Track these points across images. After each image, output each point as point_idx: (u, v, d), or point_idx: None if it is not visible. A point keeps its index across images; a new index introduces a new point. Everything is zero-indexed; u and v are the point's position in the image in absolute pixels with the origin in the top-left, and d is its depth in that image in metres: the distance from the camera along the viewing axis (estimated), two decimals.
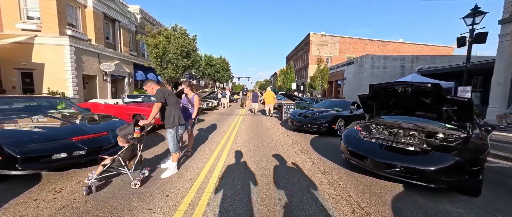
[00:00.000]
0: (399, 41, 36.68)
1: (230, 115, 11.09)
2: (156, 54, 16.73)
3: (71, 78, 12.51)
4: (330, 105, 7.41)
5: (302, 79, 41.03)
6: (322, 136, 6.13)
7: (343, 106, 7.08)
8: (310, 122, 6.10)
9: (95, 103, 6.76)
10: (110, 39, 16.80)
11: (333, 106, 7.18)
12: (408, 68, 19.09)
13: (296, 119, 6.47)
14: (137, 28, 20.22)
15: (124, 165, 2.59)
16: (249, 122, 8.80)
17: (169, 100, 3.01)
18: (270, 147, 4.87)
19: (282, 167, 3.57)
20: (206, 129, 6.94)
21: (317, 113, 6.34)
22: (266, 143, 5.24)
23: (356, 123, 4.06)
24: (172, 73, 17.74)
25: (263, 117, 10.55)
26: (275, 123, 8.72)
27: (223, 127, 7.42)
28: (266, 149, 4.66)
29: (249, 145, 4.98)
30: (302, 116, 6.42)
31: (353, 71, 21.20)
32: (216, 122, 8.58)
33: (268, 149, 4.67)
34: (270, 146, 4.95)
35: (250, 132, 6.61)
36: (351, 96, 20.57)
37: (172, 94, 3.10)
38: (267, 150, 4.58)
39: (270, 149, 4.67)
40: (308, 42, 37.27)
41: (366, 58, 19.17)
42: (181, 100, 3.97)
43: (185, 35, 18.46)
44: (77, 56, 12.87)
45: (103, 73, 15.05)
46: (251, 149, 4.67)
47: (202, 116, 10.32)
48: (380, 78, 18.98)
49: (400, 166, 2.54)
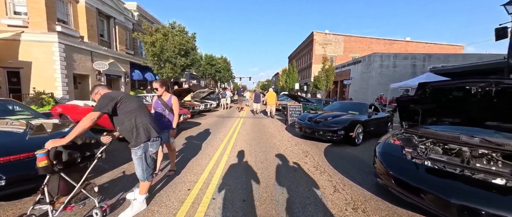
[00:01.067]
0: (406, 40, 35.43)
1: (230, 118, 10.15)
2: (153, 52, 15.92)
3: (60, 78, 11.70)
4: (343, 108, 6.43)
5: (305, 79, 39.97)
6: (336, 145, 5.16)
7: (359, 109, 6.08)
8: (322, 128, 5.12)
9: (73, 105, 5.87)
10: (105, 36, 16.02)
11: (347, 109, 6.19)
12: (419, 67, 17.97)
13: (306, 124, 5.50)
14: (134, 26, 19.43)
15: (49, 202, 1.66)
16: (250, 126, 7.85)
17: (124, 107, 2.02)
18: (276, 162, 3.91)
19: (295, 196, 2.61)
20: (199, 136, 6.00)
21: (330, 117, 5.35)
22: (271, 155, 4.28)
23: (393, 134, 3.07)
24: (170, 73, 16.90)
25: (265, 120, 9.59)
26: (280, 128, 7.75)
27: (220, 133, 6.48)
28: (270, 165, 3.71)
29: (250, 158, 4.03)
30: (312, 121, 5.44)
31: (360, 70, 20.13)
32: (213, 126, 7.65)
33: (273, 165, 3.71)
34: (276, 161, 3.99)
35: (251, 140, 5.66)
36: (358, 97, 19.50)
37: (130, 98, 2.12)
38: (272, 166, 3.63)
39: (276, 166, 3.71)
40: (311, 41, 36.23)
41: (375, 57, 18.11)
42: (154, 104, 3.04)
43: (184, 33, 17.63)
44: (67, 54, 12.06)
45: (97, 72, 14.24)
46: (252, 164, 3.72)
47: (199, 119, 9.40)
48: (390, 78, 17.90)
49: (489, 214, 1.57)
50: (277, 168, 3.55)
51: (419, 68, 17.97)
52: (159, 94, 2.98)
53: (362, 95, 19.46)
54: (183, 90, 9.11)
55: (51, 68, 11.54)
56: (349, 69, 22.73)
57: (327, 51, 35.98)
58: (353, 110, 6.07)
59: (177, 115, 2.99)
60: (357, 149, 4.93)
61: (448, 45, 35.31)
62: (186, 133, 6.16)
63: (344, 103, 7.15)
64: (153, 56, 16.11)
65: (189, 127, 7.33)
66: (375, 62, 18.11)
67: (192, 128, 7.05)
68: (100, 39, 15.26)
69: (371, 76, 18.37)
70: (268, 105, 10.66)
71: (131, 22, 18.98)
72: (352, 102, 6.98)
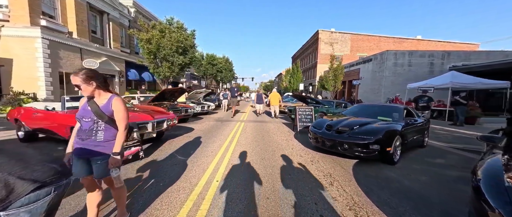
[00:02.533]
0: (417, 38, 33.72)
1: (229, 122, 8.90)
2: (148, 50, 14.84)
3: (43, 76, 10.65)
4: (368, 112, 5.09)
5: (309, 79, 38.56)
6: (367, 164, 3.85)
7: (391, 114, 4.75)
8: (348, 141, 3.81)
9: (28, 108, 4.69)
10: (97, 33, 15.01)
11: (374, 114, 4.86)
12: (437, 65, 16.45)
13: (325, 135, 4.18)
14: (130, 22, 18.43)
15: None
16: (252, 134, 6.56)
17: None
18: (288, 197, 2.62)
19: None
20: (186, 148, 4.74)
21: (357, 126, 4.04)
22: (279, 183, 2.99)
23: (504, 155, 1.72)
24: (167, 72, 15.80)
25: (270, 125, 8.31)
26: (287, 135, 6.46)
27: (213, 143, 5.22)
28: (280, 203, 2.42)
29: (250, 190, 2.75)
30: (333, 131, 4.13)
31: (371, 69, 18.68)
32: (207, 133, 6.39)
33: (285, 202, 2.43)
34: (287, 195, 2.70)
35: (252, 154, 4.39)
36: (369, 98, 18.07)
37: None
38: (283, 206, 2.35)
39: (289, 204, 2.42)
40: (316, 39, 34.84)
41: (388, 55, 16.66)
42: (78, 112, 1.76)
43: (182, 30, 16.53)
44: (52, 50, 11.03)
45: None
46: (253, 201, 2.44)
47: (192, 124, 8.16)
48: (405, 77, 16.42)
49: None
50: (292, 211, 2.26)
51: (437, 67, 16.45)
52: (89, 95, 1.71)
53: (374, 96, 18.00)
54: (175, 90, 7.91)
55: (33, 65, 10.50)
56: (358, 69, 21.27)
57: (333, 51, 34.53)
58: (383, 115, 4.73)
59: (123, 130, 1.73)
60: (397, 170, 3.60)
61: (462, 44, 33.45)
62: (170, 144, 4.91)
63: (367, 106, 5.79)
64: (149, 54, 15.04)
65: (177, 134, 6.09)
66: (389, 60, 16.65)
67: (180, 136, 5.80)
68: (92, 36, 14.24)
69: (384, 75, 16.91)
70: (272, 105, 10.36)
71: (127, 18, 17.97)
72: (380, 105, 5.63)
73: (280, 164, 3.75)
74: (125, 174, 3.07)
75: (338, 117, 4.92)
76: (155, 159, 3.84)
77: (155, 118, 4.36)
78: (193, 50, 17.55)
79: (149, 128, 4.18)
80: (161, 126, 4.54)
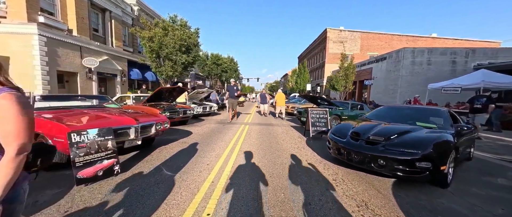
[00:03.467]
0: (432, 36, 31.89)
1: (232, 125, 8.07)
2: (150, 48, 14.31)
3: (40, 75, 10.20)
4: (401, 116, 4.12)
5: (317, 79, 37.31)
6: (409, 185, 2.90)
7: (430, 119, 3.77)
8: (385, 155, 2.86)
9: None
10: (99, 31, 14.60)
11: (410, 118, 3.88)
12: (460, 64, 15.05)
13: (352, 146, 3.24)
14: (134, 21, 18.02)
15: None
16: (257, 140, 5.70)
17: None
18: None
19: None
20: (178, 158, 3.94)
21: (395, 135, 3.09)
22: (292, 212, 2.11)
23: None
24: (170, 71, 15.22)
25: (277, 129, 7.42)
26: (298, 142, 5.56)
27: (212, 152, 4.39)
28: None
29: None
30: (362, 141, 3.20)
31: (386, 68, 17.42)
32: (206, 139, 5.58)
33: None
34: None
35: (258, 165, 3.54)
36: (383, 100, 16.82)
37: None
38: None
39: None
40: (324, 38, 33.63)
41: (406, 52, 15.39)
42: None
43: (186, 28, 15.94)
44: (50, 48, 10.59)
45: (87, 70, 12.76)
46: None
47: (192, 126, 7.39)
48: (423, 77, 15.12)
49: None
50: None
51: (460, 66, 15.05)
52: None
53: (388, 98, 16.74)
54: (173, 88, 7.17)
55: (30, 63, 10.07)
56: (370, 68, 20.02)
57: (342, 50, 33.13)
58: (423, 120, 3.75)
59: (12, 156, 0.90)
60: (455, 196, 2.65)
61: (482, 42, 31.32)
62: (159, 153, 4.12)
63: (396, 108, 4.77)
64: (151, 53, 14.50)
65: (171, 139, 5.31)
66: (406, 58, 15.38)
67: (174, 142, 5.01)
68: (93, 34, 13.82)
69: (400, 75, 15.64)
70: (278, 106, 10.28)
71: (130, 17, 17.57)
72: (414, 108, 4.60)
73: (294, 186, 2.86)
74: (86, 200, 2.27)
75: (360, 122, 3.97)
76: (136, 174, 3.04)
77: (139, 121, 3.57)
78: (197, 48, 16.94)
79: (131, 135, 3.40)
80: (147, 131, 3.75)
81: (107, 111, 3.96)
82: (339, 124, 4.23)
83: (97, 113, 3.66)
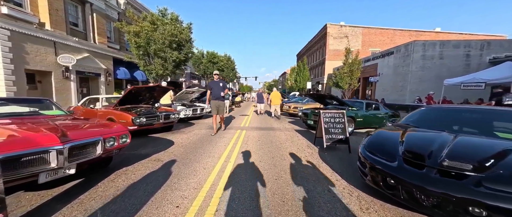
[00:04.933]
0: (436, 31, 30.82)
1: (225, 131, 6.78)
2: (137, 44, 12.94)
3: (3, 74, 8.79)
4: (460, 120, 2.87)
5: (317, 77, 36.10)
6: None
7: None
8: (488, 201, 1.57)
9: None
10: (79, 26, 13.13)
11: (481, 124, 2.62)
12: (475, 57, 13.89)
13: (412, 178, 1.94)
14: (120, 15, 16.56)
15: None
16: (256, 152, 4.44)
17: None
18: None
19: None
20: (138, 190, 2.67)
21: (490, 159, 1.80)
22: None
23: None
24: (160, 70, 13.85)
25: (280, 136, 6.14)
26: (309, 154, 4.30)
27: (191, 178, 3.13)
28: None
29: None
30: (430, 168, 1.91)
31: (393, 64, 16.22)
32: (189, 154, 4.28)
33: None
34: None
35: (259, 200, 2.26)
36: (390, 98, 15.60)
37: None
38: None
39: None
40: (324, 34, 32.39)
41: (416, 46, 14.18)
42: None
43: (177, 22, 14.57)
44: (16, 43, 9.16)
45: (63, 69, 11.33)
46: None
47: (176, 134, 6.08)
48: (435, 72, 13.95)
49: None
50: None
51: (474, 59, 13.89)
52: None
53: (396, 95, 15.55)
54: (151, 88, 5.86)
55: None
56: (375, 64, 18.83)
57: (342, 46, 31.95)
58: (499, 128, 2.49)
59: None
60: None
61: (487, 36, 30.32)
62: (114, 180, 2.83)
63: (450, 109, 3.39)
64: (138, 49, 13.12)
65: (143, 154, 4.01)
66: (416, 52, 14.17)
67: (145, 160, 3.71)
68: (72, 29, 12.38)
69: (409, 70, 14.44)
70: (273, 105, 10.22)
71: (116, 10, 16.11)
72: (487, 109, 3.20)
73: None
74: None
75: (405, 131, 2.69)
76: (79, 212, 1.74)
77: (68, 139, 2.25)
78: (190, 45, 15.54)
79: (51, 162, 2.09)
80: (86, 153, 2.44)
81: (22, 122, 2.63)
82: (373, 133, 2.94)
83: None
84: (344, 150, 4.49)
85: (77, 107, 6.27)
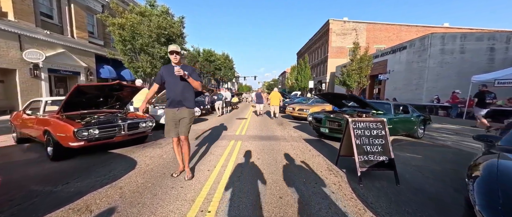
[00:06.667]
0: (445, 26, 29.31)
1: (217, 141, 5.24)
2: (121, 37, 11.45)
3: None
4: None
5: (319, 76, 34.57)
6: None
7: None
8: None
9: None
10: (54, 18, 11.56)
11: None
12: (500, 51, 12.41)
13: None
14: (104, 8, 14.98)
15: None
16: (252, 185, 2.90)
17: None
18: None
19: None
20: None
21: None
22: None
23: None
24: (148, 67, 12.34)
25: (286, 149, 4.61)
26: (334, 189, 2.83)
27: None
28: None
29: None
30: None
31: (406, 59, 14.71)
32: (151, 186, 2.80)
33: None
34: None
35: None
36: (402, 97, 14.02)
37: None
38: None
39: None
40: (327, 31, 30.87)
41: (433, 39, 12.68)
42: None
43: (167, 15, 13.07)
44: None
45: (31, 66, 9.77)
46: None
47: (147, 149, 4.57)
48: (456, 68, 12.47)
49: None
50: None
51: (500, 54, 12.41)
52: None
53: (410, 94, 14.04)
54: (110, 87, 4.32)
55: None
56: (385, 60, 17.34)
57: (345, 43, 30.48)
58: None
59: None
60: None
61: (502, 31, 28.80)
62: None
63: None
64: (123, 43, 11.62)
65: (67, 196, 2.48)
66: (434, 46, 12.67)
67: (67, 207, 2.18)
68: (44, 21, 10.82)
69: (426, 66, 12.94)
70: (272, 105, 10.02)
71: (100, 3, 14.52)
72: None
73: None
74: None
75: None
76: None
77: None
78: (181, 40, 14.00)
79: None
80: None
81: None
82: (489, 172, 1.42)
83: None
84: (387, 178, 2.99)
85: (18, 114, 4.71)
